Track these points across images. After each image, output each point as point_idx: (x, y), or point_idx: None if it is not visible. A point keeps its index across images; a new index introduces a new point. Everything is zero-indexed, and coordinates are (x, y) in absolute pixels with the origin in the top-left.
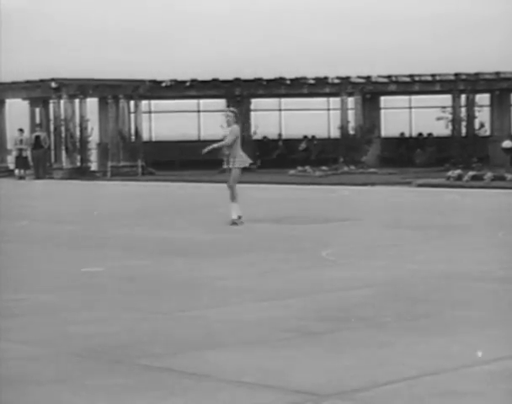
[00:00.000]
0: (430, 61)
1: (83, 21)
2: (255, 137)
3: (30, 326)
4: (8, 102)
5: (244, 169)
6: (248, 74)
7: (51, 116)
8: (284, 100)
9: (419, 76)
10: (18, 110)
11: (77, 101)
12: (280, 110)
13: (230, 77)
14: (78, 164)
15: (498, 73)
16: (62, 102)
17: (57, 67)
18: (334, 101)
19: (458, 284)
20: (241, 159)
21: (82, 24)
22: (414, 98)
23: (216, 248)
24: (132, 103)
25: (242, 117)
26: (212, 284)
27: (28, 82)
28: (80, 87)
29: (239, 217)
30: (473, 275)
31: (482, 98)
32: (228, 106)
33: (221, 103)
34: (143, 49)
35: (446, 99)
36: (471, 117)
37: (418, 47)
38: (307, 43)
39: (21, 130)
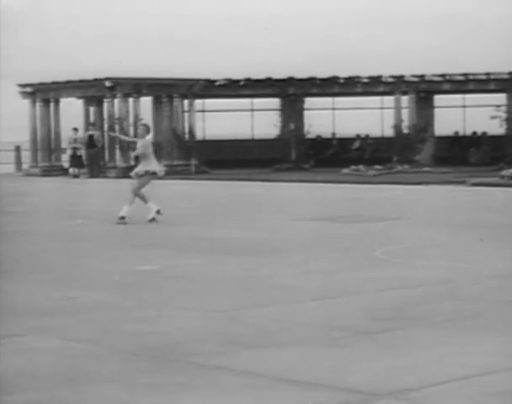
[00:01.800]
0: (485, 59)
1: (138, 21)
2: (309, 136)
3: (84, 324)
4: (63, 101)
5: (300, 168)
6: (301, 73)
7: (105, 115)
8: (337, 99)
9: (474, 74)
10: (72, 109)
11: (131, 100)
12: (333, 109)
13: (284, 76)
14: (132, 163)
15: None
16: (116, 101)
17: (112, 66)
18: (388, 100)
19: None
20: (149, 167)
21: (137, 24)
22: (468, 96)
23: (269, 247)
24: (186, 102)
25: (296, 116)
26: (265, 283)
27: (82, 81)
28: (134, 86)
29: (122, 218)
30: None
31: None
32: (282, 105)
33: (274, 102)
34: (198, 48)
35: (501, 98)
36: None
37: (472, 46)
38: (362, 42)
39: (75, 129)
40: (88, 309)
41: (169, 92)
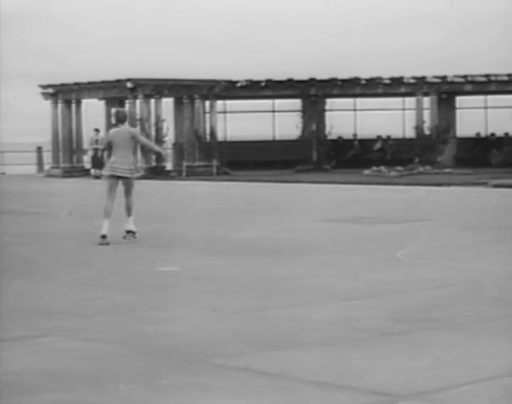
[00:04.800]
0: (507, 60)
1: (160, 23)
2: (330, 137)
3: (106, 325)
4: (85, 102)
5: (321, 170)
6: (323, 74)
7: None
8: (359, 100)
9: (495, 75)
10: (94, 110)
11: (152, 101)
12: (355, 110)
13: (305, 77)
14: (154, 164)
15: None
16: (138, 102)
17: (133, 67)
18: (410, 101)
19: None
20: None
21: (159, 26)
22: (490, 97)
23: (291, 248)
24: (207, 103)
25: (317, 117)
26: (287, 284)
27: (104, 82)
28: (156, 88)
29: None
30: None
31: None
32: (304, 106)
33: (296, 103)
34: (219, 49)
35: None
36: None
37: (494, 47)
38: (383, 43)
39: (97, 130)
40: (108, 310)
41: (191, 93)
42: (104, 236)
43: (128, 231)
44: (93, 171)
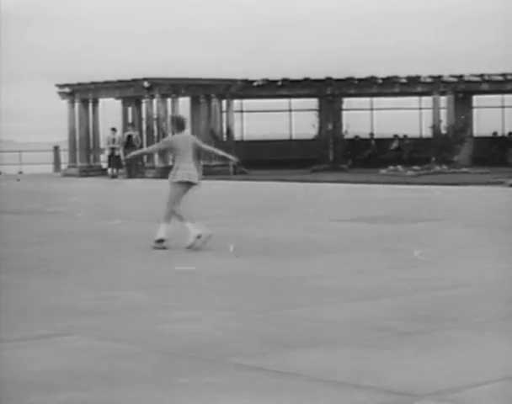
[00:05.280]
0: None
1: (176, 21)
2: (347, 136)
3: (123, 324)
4: (102, 101)
5: (338, 169)
6: (339, 73)
7: (144, 115)
8: (375, 99)
9: None
10: (111, 109)
11: (169, 100)
12: (371, 109)
13: (321, 76)
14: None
15: None
16: (155, 101)
17: (150, 67)
18: (426, 100)
19: None
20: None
21: (175, 25)
22: (507, 96)
23: (307, 247)
24: (224, 102)
25: (334, 116)
26: (304, 283)
27: (120, 81)
28: (172, 87)
29: (161, 241)
30: None
31: None
32: (320, 105)
33: (312, 102)
34: (235, 49)
35: None
36: None
37: (510, 45)
38: (399, 42)
39: (114, 129)
40: (125, 309)
41: (207, 92)
42: (199, 236)
43: (198, 236)
44: (109, 170)
